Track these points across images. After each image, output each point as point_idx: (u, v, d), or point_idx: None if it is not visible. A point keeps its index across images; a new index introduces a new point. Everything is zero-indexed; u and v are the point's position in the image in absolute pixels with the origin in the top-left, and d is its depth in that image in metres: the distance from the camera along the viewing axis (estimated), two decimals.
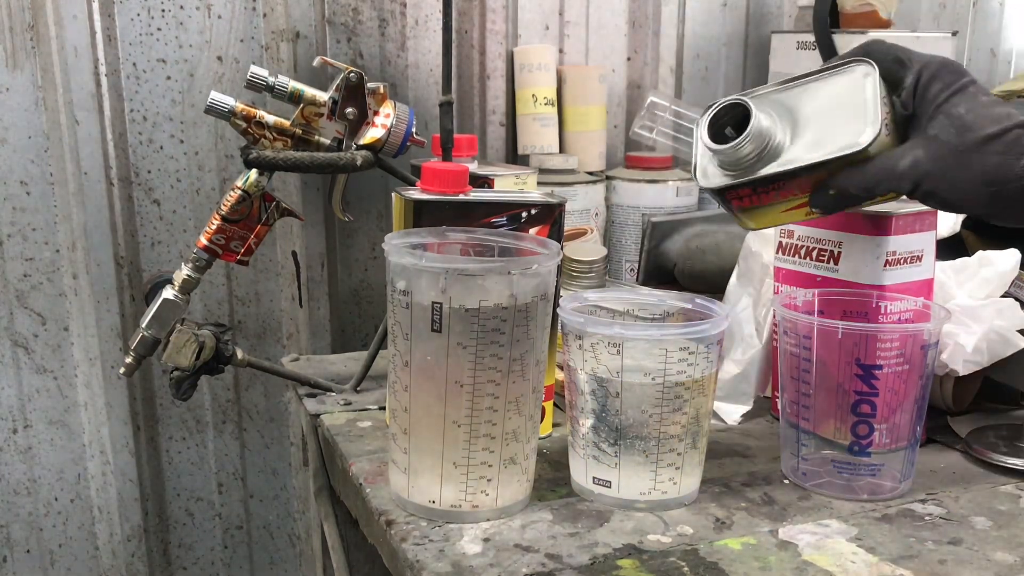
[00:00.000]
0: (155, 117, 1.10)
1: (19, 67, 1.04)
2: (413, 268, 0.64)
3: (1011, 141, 0.64)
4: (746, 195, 0.71)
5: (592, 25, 1.30)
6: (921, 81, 0.67)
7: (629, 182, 1.23)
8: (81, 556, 1.17)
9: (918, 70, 0.67)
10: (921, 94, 0.67)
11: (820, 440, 0.74)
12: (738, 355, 0.88)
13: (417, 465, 0.67)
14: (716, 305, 0.72)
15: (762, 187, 0.70)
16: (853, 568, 0.62)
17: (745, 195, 0.71)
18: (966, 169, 0.65)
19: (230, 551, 1.24)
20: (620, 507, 0.70)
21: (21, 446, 1.13)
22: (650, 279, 1.12)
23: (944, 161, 0.65)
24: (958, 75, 0.67)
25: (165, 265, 1.13)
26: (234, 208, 0.86)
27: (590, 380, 0.69)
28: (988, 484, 0.76)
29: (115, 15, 1.07)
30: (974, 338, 0.81)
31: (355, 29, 1.16)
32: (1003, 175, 0.64)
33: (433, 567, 0.61)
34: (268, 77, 0.85)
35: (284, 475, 1.24)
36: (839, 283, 0.80)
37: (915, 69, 0.67)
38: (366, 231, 1.22)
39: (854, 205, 0.71)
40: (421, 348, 0.65)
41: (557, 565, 0.62)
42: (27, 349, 1.11)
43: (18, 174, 1.07)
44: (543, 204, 0.78)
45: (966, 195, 0.66)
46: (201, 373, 0.88)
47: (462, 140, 0.97)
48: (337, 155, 0.86)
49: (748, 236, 0.93)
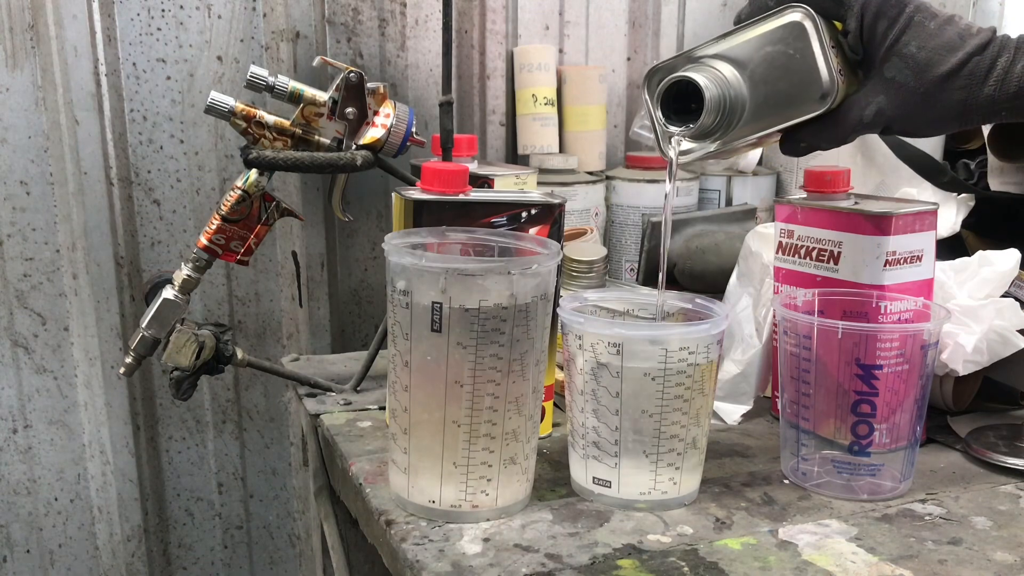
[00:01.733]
0: (155, 117, 1.10)
1: (19, 67, 1.04)
2: (413, 268, 0.64)
3: (970, 73, 0.64)
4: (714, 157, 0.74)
5: (592, 25, 1.30)
6: (865, 22, 0.66)
7: (629, 182, 1.23)
8: (81, 556, 1.17)
9: (859, 10, 0.66)
10: (868, 36, 0.66)
11: (820, 440, 0.74)
12: (738, 355, 0.88)
13: (417, 465, 0.67)
14: (716, 305, 0.72)
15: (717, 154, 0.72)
16: (853, 568, 0.62)
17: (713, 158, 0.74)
18: (931, 108, 0.65)
19: (230, 551, 1.24)
20: (620, 507, 0.70)
21: (21, 446, 1.13)
22: (650, 279, 1.12)
23: (908, 105, 0.65)
24: (900, 5, 0.65)
25: (165, 265, 1.13)
26: (234, 208, 0.86)
27: (590, 380, 0.69)
28: (988, 484, 0.75)
29: (115, 15, 1.07)
30: (974, 338, 0.81)
31: (355, 29, 1.16)
32: (969, 106, 0.64)
33: (433, 567, 0.61)
34: (268, 77, 0.85)
35: (284, 475, 1.24)
36: (839, 283, 0.80)
37: (855, 9, 0.66)
38: (366, 231, 1.22)
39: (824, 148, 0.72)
40: (421, 348, 0.65)
41: (557, 565, 0.62)
42: (27, 349, 1.11)
43: (18, 174, 1.07)
44: (543, 204, 0.78)
45: (936, 129, 0.67)
46: (201, 373, 0.88)
47: (462, 140, 0.97)
48: (337, 155, 0.86)
49: (748, 236, 0.93)
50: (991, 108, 0.64)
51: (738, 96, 0.69)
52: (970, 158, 1.19)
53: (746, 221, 1.18)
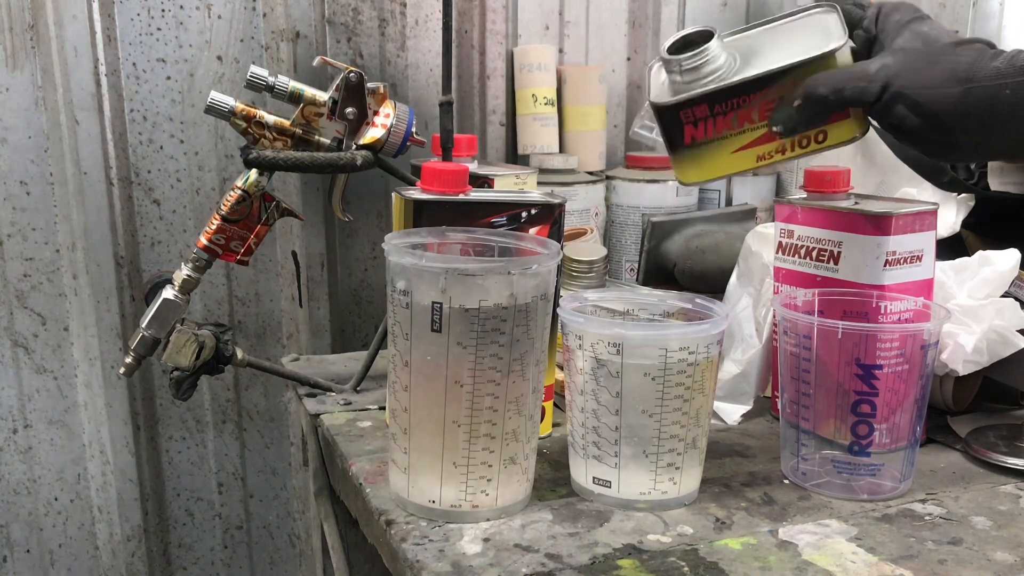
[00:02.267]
0: (155, 117, 1.10)
1: (19, 67, 1.04)
2: (413, 268, 0.64)
3: (979, 48, 0.65)
4: (702, 118, 0.70)
5: (592, 25, 1.30)
6: (883, 11, 0.69)
7: (629, 182, 1.23)
8: (81, 556, 1.17)
9: (877, 5, 0.69)
10: (883, 22, 0.69)
11: (820, 440, 0.74)
12: (738, 355, 0.88)
13: (417, 465, 0.67)
14: (716, 305, 0.72)
15: (720, 105, 0.70)
16: (853, 568, 0.62)
17: (701, 118, 0.70)
18: (936, 66, 0.65)
19: (230, 551, 1.24)
20: (620, 507, 0.70)
21: (21, 446, 1.13)
22: (650, 279, 1.12)
23: (914, 63, 0.66)
24: (916, 10, 0.69)
25: (165, 265, 1.13)
26: (234, 208, 0.86)
27: (590, 380, 0.69)
28: (988, 484, 0.75)
29: (115, 15, 1.07)
30: (974, 338, 0.81)
31: (355, 29, 1.16)
32: (975, 71, 0.64)
33: (433, 567, 0.61)
34: (268, 77, 0.85)
35: (284, 475, 1.24)
36: (839, 283, 0.80)
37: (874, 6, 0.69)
38: (366, 231, 1.22)
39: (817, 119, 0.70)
40: (421, 348, 0.65)
41: (557, 565, 0.62)
42: (27, 349, 1.11)
43: (18, 174, 1.07)
44: (543, 204, 0.78)
45: (936, 92, 0.65)
46: (201, 373, 0.88)
47: (462, 140, 0.97)
48: (337, 155, 0.86)
49: (748, 236, 0.93)
50: (996, 77, 0.64)
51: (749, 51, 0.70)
52: None
53: (746, 221, 1.18)
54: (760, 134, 0.71)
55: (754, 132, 0.71)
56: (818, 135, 0.71)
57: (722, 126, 0.71)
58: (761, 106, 0.70)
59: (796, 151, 0.72)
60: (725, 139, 0.71)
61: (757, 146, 0.71)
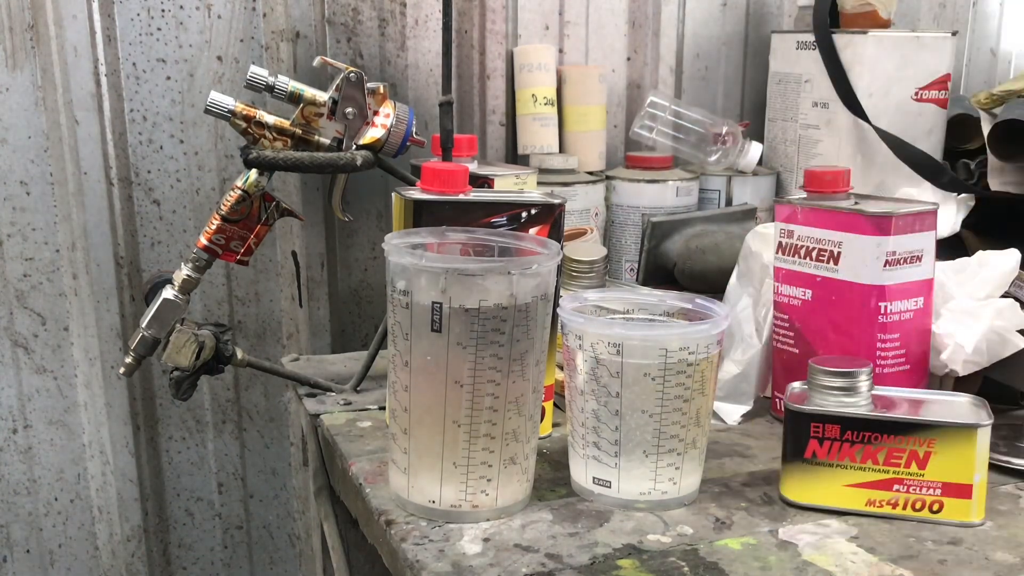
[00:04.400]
0: (155, 117, 1.10)
1: (19, 67, 1.04)
2: (413, 268, 0.64)
3: None
4: (830, 438, 0.69)
5: (592, 25, 1.30)
6: None
7: (629, 182, 1.23)
8: (81, 556, 1.17)
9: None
10: None
11: None
12: (738, 355, 0.88)
13: (417, 465, 0.67)
14: (716, 305, 0.72)
15: (850, 432, 0.68)
16: (853, 568, 0.62)
17: (829, 437, 0.69)
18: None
19: (230, 551, 1.24)
20: (620, 507, 0.70)
21: (21, 446, 1.13)
22: (650, 279, 1.12)
23: None
24: None
25: (165, 265, 1.13)
26: (234, 208, 0.86)
27: (590, 380, 0.69)
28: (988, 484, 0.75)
29: (115, 15, 1.07)
30: (974, 338, 0.81)
31: (355, 29, 1.16)
32: None
33: (433, 567, 0.61)
34: (268, 77, 0.85)
35: (284, 475, 1.24)
36: (839, 283, 0.80)
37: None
38: (366, 231, 1.22)
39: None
40: (421, 348, 0.65)
41: (557, 565, 0.62)
42: (27, 349, 1.11)
43: (18, 174, 1.07)
44: (543, 204, 0.78)
45: None
46: (201, 373, 0.88)
47: (462, 140, 0.97)
48: (337, 155, 0.86)
49: (748, 236, 0.93)
50: None
51: None
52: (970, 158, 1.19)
53: (746, 221, 1.18)
54: (879, 478, 0.68)
55: (875, 474, 0.68)
56: (934, 504, 0.68)
57: (845, 454, 0.69)
58: (889, 452, 0.68)
59: (908, 511, 0.69)
60: (845, 468, 0.69)
61: (871, 490, 0.69)
